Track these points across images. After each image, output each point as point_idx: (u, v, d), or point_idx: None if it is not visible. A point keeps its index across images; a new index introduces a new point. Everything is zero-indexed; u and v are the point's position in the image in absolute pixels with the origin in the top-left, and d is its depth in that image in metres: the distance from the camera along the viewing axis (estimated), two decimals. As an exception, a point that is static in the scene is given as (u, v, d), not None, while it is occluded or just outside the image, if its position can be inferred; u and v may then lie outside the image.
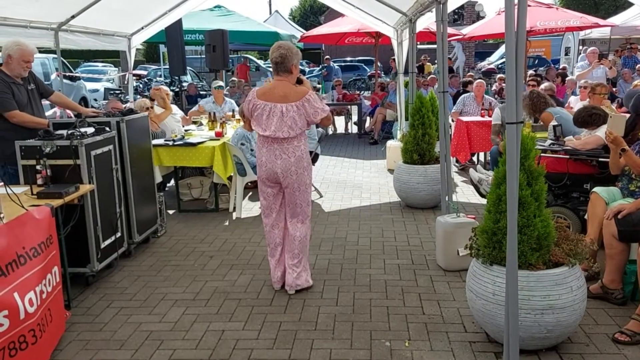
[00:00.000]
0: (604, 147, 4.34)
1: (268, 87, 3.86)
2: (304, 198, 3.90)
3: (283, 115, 3.71)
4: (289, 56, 3.74)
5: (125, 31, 7.70)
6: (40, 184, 3.81)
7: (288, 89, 3.77)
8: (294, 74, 3.82)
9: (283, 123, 3.71)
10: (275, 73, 3.81)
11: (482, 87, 8.36)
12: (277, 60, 3.75)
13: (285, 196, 3.91)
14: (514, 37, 2.28)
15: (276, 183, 3.87)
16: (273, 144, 3.78)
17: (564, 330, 2.94)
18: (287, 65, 3.75)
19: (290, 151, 3.77)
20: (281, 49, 3.75)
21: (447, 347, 3.15)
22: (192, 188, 6.59)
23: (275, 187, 3.90)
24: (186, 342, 3.27)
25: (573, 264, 2.96)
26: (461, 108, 8.30)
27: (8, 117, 4.33)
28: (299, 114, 3.73)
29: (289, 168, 3.77)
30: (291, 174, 3.79)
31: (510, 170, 2.43)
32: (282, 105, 3.72)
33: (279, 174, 3.79)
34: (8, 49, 4.38)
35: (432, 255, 4.53)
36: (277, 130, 3.72)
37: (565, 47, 17.74)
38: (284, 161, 3.76)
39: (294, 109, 3.72)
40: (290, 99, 3.73)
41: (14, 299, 2.72)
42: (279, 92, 3.76)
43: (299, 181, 3.82)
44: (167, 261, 4.63)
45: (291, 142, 3.77)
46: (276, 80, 3.82)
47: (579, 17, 11.40)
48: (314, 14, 44.27)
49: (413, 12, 6.01)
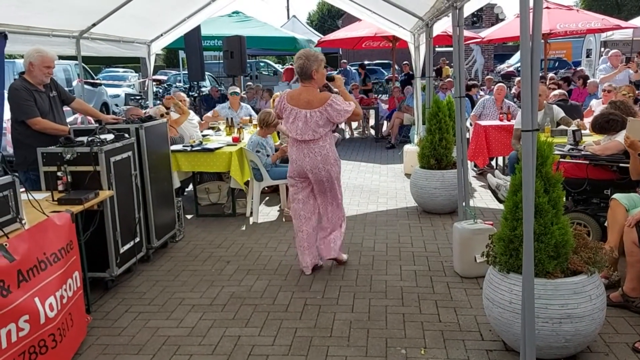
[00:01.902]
0: (624, 153, 4.26)
1: (297, 92, 4.20)
2: (333, 190, 4.31)
3: (307, 120, 4.08)
4: (307, 65, 4.03)
5: (144, 38, 7.81)
6: (61, 190, 3.88)
7: (312, 95, 4.11)
8: (316, 78, 4.10)
9: (307, 127, 4.09)
10: (300, 81, 4.18)
11: (503, 91, 8.28)
12: (298, 71, 4.10)
13: (316, 190, 4.31)
14: (529, 41, 2.26)
15: (305, 177, 4.28)
16: (301, 144, 4.17)
17: (583, 340, 2.90)
18: (308, 73, 4.06)
19: (317, 151, 4.15)
20: (300, 59, 4.06)
21: (463, 355, 3.13)
22: (210, 193, 6.65)
23: (304, 182, 4.32)
24: (202, 348, 3.30)
25: (592, 272, 2.92)
26: (480, 111, 8.24)
27: (30, 124, 4.43)
28: (322, 118, 4.08)
29: (316, 166, 4.17)
30: (319, 171, 4.18)
31: (526, 178, 2.40)
32: (306, 111, 4.08)
33: (308, 171, 4.20)
34: (29, 57, 4.48)
35: (449, 262, 4.50)
36: (303, 134, 4.11)
37: (587, 49, 17.50)
38: (312, 159, 4.15)
39: (317, 114, 4.07)
40: (314, 105, 4.08)
41: (34, 304, 2.78)
42: (303, 98, 4.12)
43: (327, 176, 4.22)
44: (184, 266, 4.67)
45: (317, 143, 4.13)
46: (302, 87, 4.18)
47: (600, 18, 11.25)
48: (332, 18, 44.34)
49: (429, 16, 5.99)
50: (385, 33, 10.73)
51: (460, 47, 4.49)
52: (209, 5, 7.64)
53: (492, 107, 8.18)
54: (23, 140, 4.50)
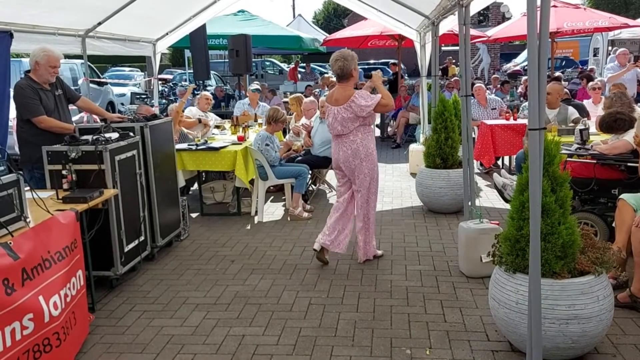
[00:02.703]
0: (632, 152, 4.22)
1: (332, 92, 4.57)
2: (363, 186, 4.47)
3: (335, 116, 4.43)
4: (347, 65, 4.34)
5: (150, 37, 7.82)
6: (66, 188, 3.88)
7: (340, 94, 4.42)
8: (355, 76, 4.44)
9: (337, 122, 4.43)
10: (338, 80, 4.47)
11: (481, 90, 8.34)
12: (339, 72, 4.39)
13: (354, 183, 4.54)
14: (537, 40, 2.23)
15: (340, 170, 4.59)
16: (336, 139, 4.52)
17: (590, 341, 2.86)
18: (348, 73, 4.37)
19: (347, 145, 4.44)
20: (339, 61, 4.34)
21: (469, 355, 3.10)
22: (215, 192, 6.65)
23: (340, 173, 4.64)
24: (206, 347, 3.29)
25: (599, 272, 2.89)
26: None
27: (36, 122, 4.44)
28: (348, 113, 4.36)
29: (347, 159, 4.46)
30: (350, 164, 4.45)
31: (533, 177, 2.38)
32: (335, 107, 4.43)
33: (341, 163, 4.52)
34: (35, 55, 4.49)
35: (454, 262, 4.47)
36: (333, 129, 4.48)
37: (594, 48, 17.38)
38: (344, 153, 4.46)
39: (342, 110, 4.38)
40: (340, 102, 4.39)
41: (38, 302, 2.78)
42: (334, 96, 4.48)
43: (357, 170, 4.45)
44: (189, 265, 4.67)
45: (347, 137, 4.43)
46: (338, 86, 4.49)
47: (608, 17, 11.16)
48: (338, 17, 44.28)
49: (435, 15, 5.96)
50: (391, 32, 10.70)
51: (466, 46, 4.46)
52: (214, 4, 7.64)
53: (479, 109, 8.20)
54: (28, 138, 4.51)
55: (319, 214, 6.11)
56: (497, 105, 8.28)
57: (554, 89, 6.66)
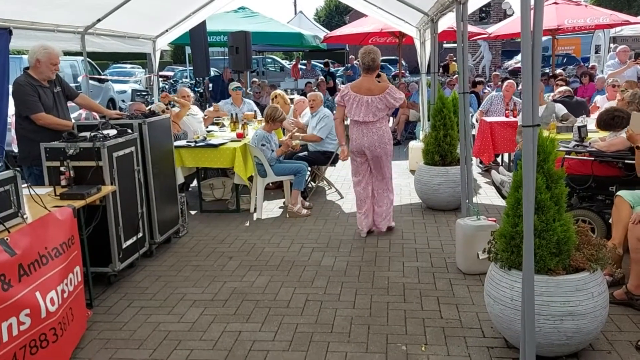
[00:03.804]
0: (630, 149, 4.22)
1: (359, 82, 5.02)
2: (388, 166, 5.11)
3: (369, 104, 4.88)
4: (377, 58, 4.92)
5: (150, 34, 7.82)
6: (64, 185, 3.89)
7: (373, 84, 4.93)
8: (378, 70, 4.99)
9: (368, 110, 4.89)
10: (365, 72, 4.95)
11: (512, 88, 8.23)
12: (370, 64, 4.88)
13: (372, 165, 5.08)
14: (530, 38, 2.24)
15: (363, 155, 5.05)
16: (361, 125, 4.94)
17: (585, 338, 2.87)
18: (377, 66, 4.93)
19: (374, 131, 4.93)
20: (370, 54, 4.86)
21: (464, 352, 3.11)
22: (214, 189, 6.66)
23: (362, 157, 5.09)
24: (203, 343, 3.30)
25: (594, 269, 2.89)
26: (488, 107, 8.19)
27: (34, 119, 4.45)
28: (381, 103, 4.88)
29: (372, 144, 4.94)
30: (375, 148, 4.95)
31: (526, 174, 2.38)
32: (368, 97, 4.89)
33: (365, 148, 4.97)
34: (36, 53, 4.49)
35: (452, 258, 4.48)
36: (364, 116, 4.89)
37: (596, 45, 17.33)
38: (370, 138, 4.93)
39: (377, 100, 4.88)
40: (375, 92, 4.89)
41: (35, 298, 2.79)
42: (365, 86, 4.92)
43: (382, 152, 4.99)
44: (187, 261, 4.68)
45: (374, 125, 4.92)
46: (363, 77, 4.98)
47: (609, 14, 11.12)
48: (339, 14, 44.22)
49: (434, 12, 5.95)
50: (392, 29, 10.69)
51: (464, 42, 4.45)
52: (214, 1, 7.64)
53: (500, 104, 8.13)
54: (27, 135, 4.53)
55: (318, 211, 6.12)
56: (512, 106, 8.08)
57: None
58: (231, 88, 7.94)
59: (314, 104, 6.61)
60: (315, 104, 6.61)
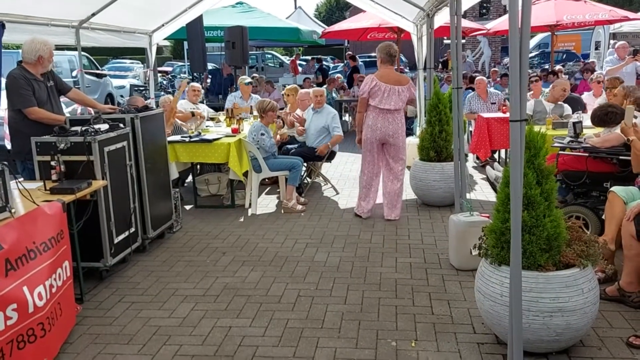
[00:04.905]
0: (624, 145, 4.20)
1: (385, 73, 5.30)
2: (403, 152, 5.53)
3: (399, 94, 5.27)
4: (396, 51, 5.36)
5: (146, 28, 7.79)
6: (55, 179, 3.87)
7: (398, 75, 5.44)
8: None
9: (399, 99, 5.28)
10: (389, 63, 5.32)
11: (483, 83, 8.29)
12: (394, 54, 5.33)
13: (390, 152, 5.47)
14: (518, 34, 2.22)
15: (381, 143, 5.41)
16: (387, 114, 5.28)
17: (575, 334, 2.86)
18: (395, 58, 5.35)
19: (398, 119, 5.36)
20: (391, 47, 5.27)
21: (454, 348, 3.10)
22: (209, 184, 6.65)
23: (379, 146, 5.44)
24: (193, 338, 3.29)
25: (585, 265, 2.88)
26: (469, 108, 8.20)
27: (26, 113, 4.43)
28: (408, 93, 5.34)
29: (396, 131, 5.34)
30: (398, 135, 5.37)
31: (514, 169, 2.36)
32: (398, 87, 5.27)
33: (390, 135, 5.33)
34: (38, 50, 4.47)
35: (445, 254, 4.47)
36: (395, 105, 5.25)
37: (596, 42, 17.26)
38: (394, 126, 5.33)
39: (405, 90, 5.30)
40: (403, 83, 5.32)
41: (22, 293, 2.78)
42: (394, 77, 5.31)
43: (401, 139, 5.42)
44: (180, 257, 4.67)
45: (399, 112, 5.35)
46: (388, 69, 5.33)
47: (608, 10, 11.07)
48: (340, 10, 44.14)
49: (430, 7, 5.92)
50: (390, 24, 10.63)
51: (457, 37, 4.43)
52: (210, -5, 7.61)
53: (479, 102, 8.16)
54: (20, 129, 4.51)
55: (313, 206, 6.11)
56: (496, 99, 8.24)
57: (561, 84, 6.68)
58: (243, 82, 7.96)
59: (322, 99, 6.62)
60: (322, 99, 6.62)
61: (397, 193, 5.52)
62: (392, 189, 5.51)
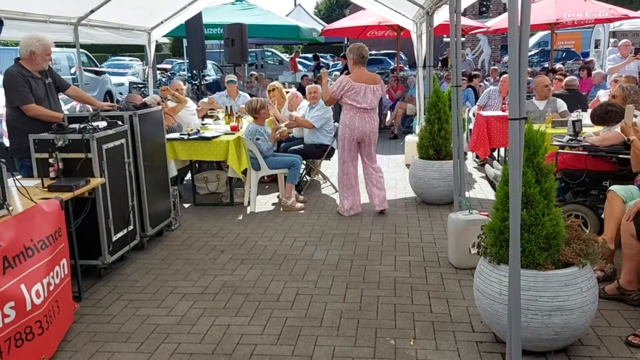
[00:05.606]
0: (624, 144, 4.19)
1: (358, 74, 5.41)
2: (376, 147, 5.71)
3: (374, 92, 5.42)
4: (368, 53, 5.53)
5: (144, 25, 7.77)
6: (53, 177, 3.86)
7: (371, 75, 5.56)
8: None
9: (374, 98, 5.44)
10: (361, 64, 5.42)
11: (507, 82, 8.20)
12: (366, 55, 5.44)
13: (365, 148, 5.60)
14: (517, 32, 2.21)
15: (359, 142, 5.53)
16: (364, 113, 5.41)
17: (573, 333, 2.85)
18: (366, 60, 5.46)
19: (374, 118, 5.53)
20: (362, 49, 5.40)
21: (452, 346, 3.09)
22: (208, 182, 6.63)
23: (356, 145, 5.56)
24: (191, 336, 3.29)
25: (584, 264, 2.87)
26: (485, 101, 8.18)
27: (24, 110, 4.42)
28: (381, 92, 5.55)
29: (373, 129, 5.52)
30: (374, 133, 5.56)
31: (513, 168, 2.35)
32: (373, 86, 5.42)
33: (368, 134, 5.47)
34: (31, 45, 4.45)
35: (444, 253, 4.46)
36: (372, 103, 5.41)
37: (595, 40, 17.24)
38: (371, 125, 5.49)
39: (379, 89, 5.50)
40: (377, 82, 5.48)
41: (20, 291, 2.77)
42: (367, 77, 5.44)
43: (376, 136, 5.61)
44: (178, 254, 4.66)
45: (375, 111, 5.52)
46: (360, 69, 5.43)
47: (608, 8, 11.05)
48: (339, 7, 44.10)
49: (429, 4, 5.90)
50: (389, 22, 10.62)
51: (457, 35, 4.41)
52: (209, -8, 7.59)
53: (497, 98, 8.12)
54: (18, 126, 4.49)
55: (312, 204, 6.10)
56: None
57: (538, 81, 6.67)
58: (226, 81, 7.90)
59: (316, 96, 6.59)
60: (316, 95, 6.59)
61: (383, 187, 5.69)
62: (378, 184, 5.65)
